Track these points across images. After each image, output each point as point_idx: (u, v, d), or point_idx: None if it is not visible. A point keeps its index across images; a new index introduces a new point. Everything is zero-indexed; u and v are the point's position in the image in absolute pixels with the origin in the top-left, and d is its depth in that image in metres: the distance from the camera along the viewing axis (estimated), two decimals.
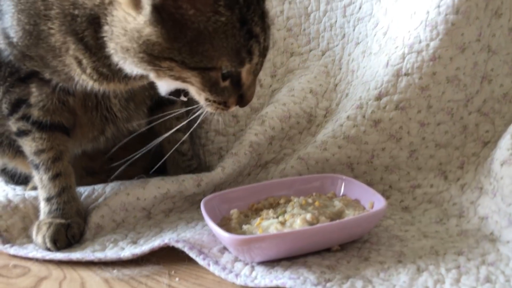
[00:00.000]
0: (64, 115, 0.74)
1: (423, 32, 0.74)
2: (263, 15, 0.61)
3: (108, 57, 0.63)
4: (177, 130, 0.77)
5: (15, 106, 0.72)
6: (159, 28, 0.56)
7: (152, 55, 0.58)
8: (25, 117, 0.72)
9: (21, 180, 0.89)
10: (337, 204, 0.67)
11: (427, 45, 0.74)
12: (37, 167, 0.73)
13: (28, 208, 0.76)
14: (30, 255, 0.66)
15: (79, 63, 0.66)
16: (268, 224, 0.62)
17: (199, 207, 0.72)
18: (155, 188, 0.75)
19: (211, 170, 0.82)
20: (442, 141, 0.76)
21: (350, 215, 0.65)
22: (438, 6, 0.73)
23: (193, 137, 0.91)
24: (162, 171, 0.85)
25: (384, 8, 0.84)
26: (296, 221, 0.61)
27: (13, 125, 0.74)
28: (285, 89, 0.89)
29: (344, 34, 0.90)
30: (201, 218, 0.71)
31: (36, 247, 0.68)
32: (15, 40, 0.67)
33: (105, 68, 0.66)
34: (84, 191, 0.78)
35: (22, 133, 0.73)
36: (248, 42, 0.59)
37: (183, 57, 0.57)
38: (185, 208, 0.78)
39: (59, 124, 0.74)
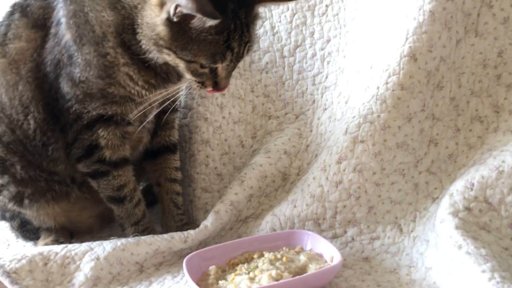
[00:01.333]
0: (126, 148, 0.90)
1: (374, 105, 0.86)
2: (243, 34, 0.78)
3: (149, 65, 0.83)
4: (175, 180, 0.97)
5: (89, 151, 0.87)
6: (167, 29, 0.75)
7: (158, 43, 0.78)
8: (100, 160, 0.87)
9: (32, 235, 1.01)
10: (302, 258, 0.78)
11: (378, 116, 0.85)
12: (120, 200, 0.90)
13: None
14: None
15: (131, 78, 0.84)
16: (240, 280, 0.72)
17: None
18: (147, 245, 0.85)
19: (198, 223, 0.93)
20: (396, 198, 0.86)
21: (312, 269, 0.75)
22: (387, 83, 0.85)
23: (184, 195, 1.02)
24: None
25: (346, 79, 0.96)
26: (263, 277, 0.71)
27: (87, 167, 0.89)
28: (263, 151, 1.01)
29: (314, 100, 1.02)
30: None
31: None
32: (77, 75, 0.83)
33: (151, 77, 0.84)
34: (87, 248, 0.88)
35: (100, 174, 0.89)
36: (224, 51, 0.77)
37: (177, 50, 0.77)
38: (173, 262, 0.88)
39: (125, 158, 0.90)
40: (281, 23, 1.05)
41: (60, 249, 0.84)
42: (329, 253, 0.78)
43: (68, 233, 1.00)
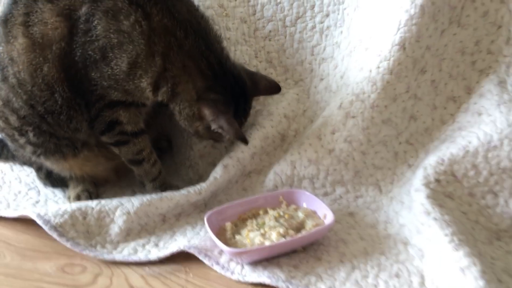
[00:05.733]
0: (143, 122, 1.03)
1: (366, 86, 0.99)
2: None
3: None
4: None
5: (110, 127, 1.00)
6: (203, 129, 1.01)
7: (190, 126, 1.02)
8: (122, 132, 1.00)
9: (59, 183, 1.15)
10: (300, 215, 0.95)
11: (369, 96, 0.99)
12: (140, 162, 1.05)
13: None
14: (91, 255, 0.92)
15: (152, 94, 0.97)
16: (253, 236, 0.89)
17: (200, 211, 1.03)
18: (168, 200, 1.00)
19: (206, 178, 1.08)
20: (379, 164, 1.03)
21: (309, 224, 0.92)
22: (378, 67, 0.98)
23: (194, 150, 1.16)
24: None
25: (342, 55, 1.08)
26: (272, 234, 0.89)
27: (110, 139, 1.02)
28: (265, 113, 1.14)
29: (312, 70, 1.14)
30: (202, 223, 0.98)
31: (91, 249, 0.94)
32: (108, 72, 0.94)
33: None
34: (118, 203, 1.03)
35: (122, 143, 1.02)
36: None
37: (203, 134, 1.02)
38: (190, 212, 1.04)
39: (143, 129, 1.03)
40: None
41: (95, 205, 0.98)
42: (322, 211, 0.95)
43: (93, 182, 1.14)
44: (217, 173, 1.05)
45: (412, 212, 0.93)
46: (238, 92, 0.99)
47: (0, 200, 1.11)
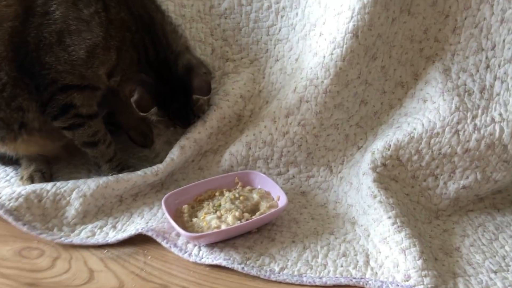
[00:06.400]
0: (96, 104, 1.03)
1: (319, 72, 1.02)
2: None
3: None
4: None
5: (63, 111, 0.99)
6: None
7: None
8: (77, 115, 0.99)
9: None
10: (255, 196, 0.99)
11: (322, 81, 1.02)
12: (95, 144, 1.04)
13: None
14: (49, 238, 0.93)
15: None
16: (210, 219, 0.92)
17: (157, 190, 1.06)
18: (125, 181, 1.01)
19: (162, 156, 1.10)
20: (330, 146, 1.07)
21: (264, 205, 0.96)
22: (331, 54, 1.01)
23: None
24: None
25: (297, 37, 1.10)
26: (228, 217, 0.92)
27: (63, 123, 1.01)
28: (222, 92, 1.15)
29: (267, 50, 1.16)
30: (159, 203, 1.00)
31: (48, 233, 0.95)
32: (64, 57, 0.94)
33: None
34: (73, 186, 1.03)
35: (76, 126, 1.01)
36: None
37: None
38: (147, 192, 1.06)
39: (97, 112, 1.03)
40: None
41: (50, 187, 0.98)
42: (276, 192, 1.00)
43: (46, 160, 1.13)
44: (174, 154, 1.07)
45: (359, 194, 0.99)
46: (177, 87, 1.02)
47: None
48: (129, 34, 0.96)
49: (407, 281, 0.81)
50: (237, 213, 0.92)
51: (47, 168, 1.11)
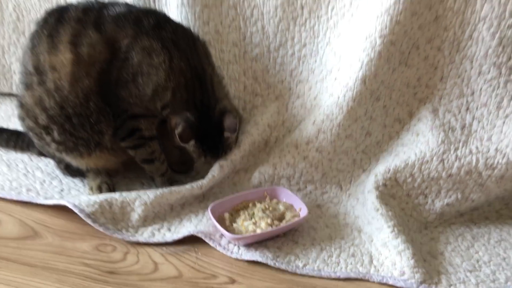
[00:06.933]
0: (154, 129, 1.28)
1: (334, 109, 1.27)
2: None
3: None
4: None
5: (130, 133, 1.24)
6: None
7: None
8: (140, 137, 1.25)
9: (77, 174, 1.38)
10: (281, 208, 1.23)
11: (336, 117, 1.27)
12: (152, 161, 1.29)
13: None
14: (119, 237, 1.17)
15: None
16: (247, 224, 1.17)
17: (200, 201, 1.29)
18: (176, 193, 1.25)
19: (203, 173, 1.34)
20: (341, 168, 1.32)
21: (289, 215, 1.21)
22: (344, 95, 1.26)
23: None
24: None
25: (315, 80, 1.36)
26: (262, 223, 1.17)
27: (129, 143, 1.26)
28: (252, 122, 1.39)
29: (290, 88, 1.41)
30: (203, 212, 1.24)
31: (118, 232, 1.19)
32: (135, 92, 1.18)
33: None
34: (136, 196, 1.27)
35: (138, 146, 1.26)
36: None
37: None
38: (192, 202, 1.29)
39: (155, 135, 1.28)
40: (270, 25, 1.39)
41: (118, 196, 1.22)
42: (298, 205, 1.24)
43: (108, 174, 1.37)
44: (214, 171, 1.31)
45: (365, 207, 1.24)
46: (213, 126, 1.25)
47: (29, 188, 1.32)
48: (183, 80, 1.21)
49: (402, 276, 1.06)
50: (269, 220, 1.17)
51: (110, 180, 1.35)
